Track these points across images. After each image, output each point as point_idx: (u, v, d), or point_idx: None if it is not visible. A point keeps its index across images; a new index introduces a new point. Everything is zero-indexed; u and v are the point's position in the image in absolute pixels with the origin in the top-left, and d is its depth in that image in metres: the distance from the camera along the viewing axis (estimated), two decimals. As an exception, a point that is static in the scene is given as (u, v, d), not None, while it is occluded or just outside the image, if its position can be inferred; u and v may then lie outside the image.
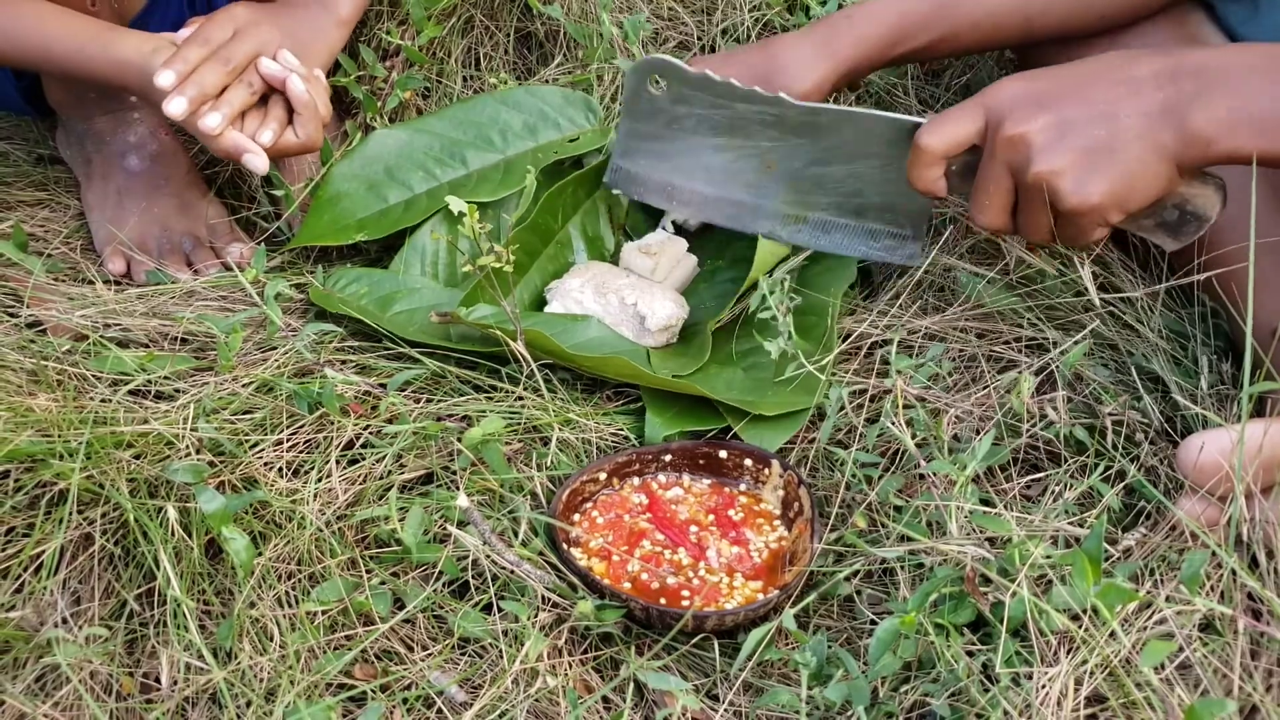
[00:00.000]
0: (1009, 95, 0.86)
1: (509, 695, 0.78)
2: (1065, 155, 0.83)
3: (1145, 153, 0.81)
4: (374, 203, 1.15)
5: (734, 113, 1.03)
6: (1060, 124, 0.83)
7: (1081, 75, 0.85)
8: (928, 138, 0.89)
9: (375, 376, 0.99)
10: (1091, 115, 0.82)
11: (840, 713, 0.77)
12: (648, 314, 1.03)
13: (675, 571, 0.87)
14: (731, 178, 1.06)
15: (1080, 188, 0.83)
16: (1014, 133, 0.84)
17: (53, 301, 1.06)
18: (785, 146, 1.03)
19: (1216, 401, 0.91)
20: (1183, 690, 0.71)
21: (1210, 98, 0.80)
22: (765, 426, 0.96)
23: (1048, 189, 0.84)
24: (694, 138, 1.06)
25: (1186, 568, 0.72)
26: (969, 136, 0.88)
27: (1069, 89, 0.84)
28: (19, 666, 0.79)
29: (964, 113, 0.88)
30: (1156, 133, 0.81)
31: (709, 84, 1.02)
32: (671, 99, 1.04)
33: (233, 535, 0.80)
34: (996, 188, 0.87)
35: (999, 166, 0.86)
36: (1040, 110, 0.84)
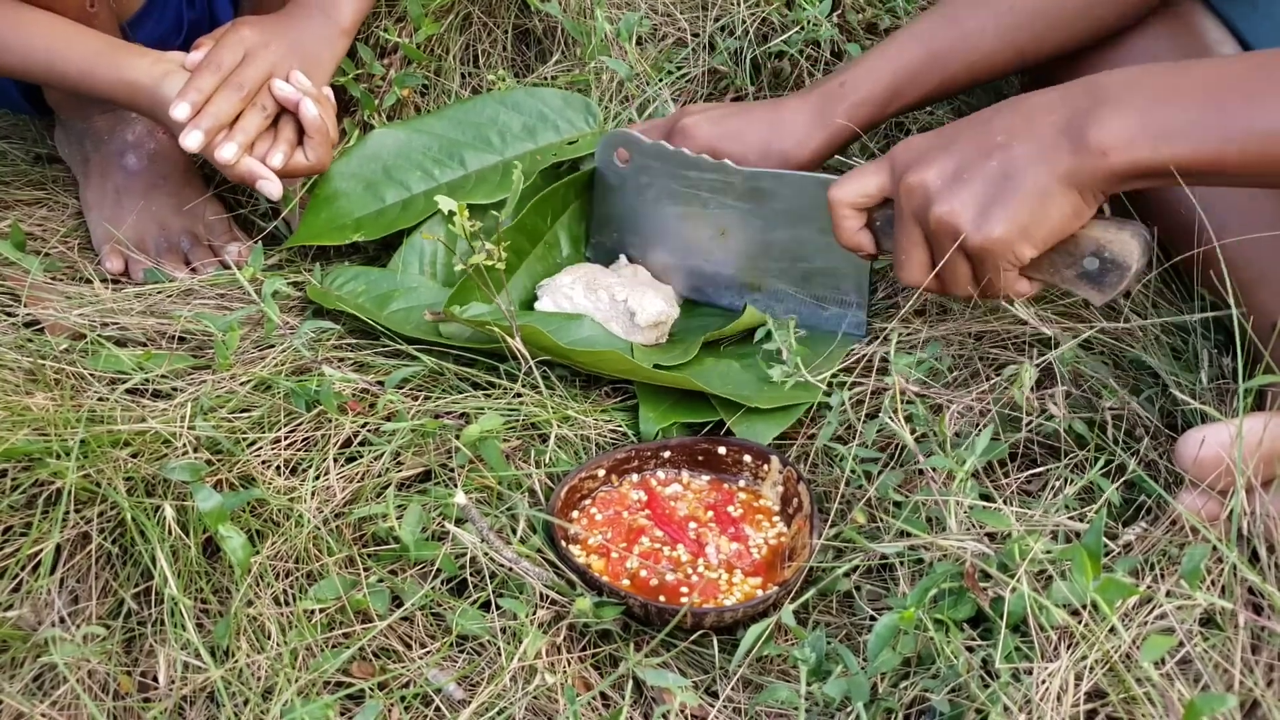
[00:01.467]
0: (912, 147, 0.87)
1: (507, 693, 0.78)
2: (962, 193, 0.82)
3: (1043, 177, 0.79)
4: (371, 202, 1.14)
5: (687, 181, 1.06)
6: (956, 164, 0.83)
7: (980, 118, 0.85)
8: (835, 190, 0.91)
9: (373, 374, 0.99)
10: (986, 149, 0.82)
11: (839, 709, 0.77)
12: (637, 310, 1.03)
13: (674, 568, 0.87)
14: (692, 247, 1.09)
15: (982, 223, 0.81)
16: (913, 180, 0.84)
17: (50, 300, 1.06)
18: (735, 213, 1.06)
19: (1216, 396, 0.91)
20: (1183, 685, 0.71)
21: (1103, 111, 0.78)
22: (758, 419, 0.96)
23: (951, 229, 0.82)
24: (657, 208, 1.09)
25: (1187, 562, 0.72)
26: (876, 189, 0.89)
27: (965, 131, 0.84)
28: (17, 666, 0.79)
29: (872, 167, 0.90)
30: (1052, 154, 0.79)
31: (663, 153, 1.06)
32: (635, 170, 1.08)
33: (230, 533, 0.80)
34: (909, 240, 0.86)
35: (906, 217, 0.86)
36: (937, 154, 0.84)
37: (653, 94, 1.25)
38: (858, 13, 1.33)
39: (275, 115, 1.09)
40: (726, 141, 1.05)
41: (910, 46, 1.03)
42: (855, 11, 1.33)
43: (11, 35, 1.06)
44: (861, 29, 1.33)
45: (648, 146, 1.06)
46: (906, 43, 1.03)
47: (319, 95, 1.10)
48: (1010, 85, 1.25)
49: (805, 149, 1.04)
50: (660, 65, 1.30)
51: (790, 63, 1.30)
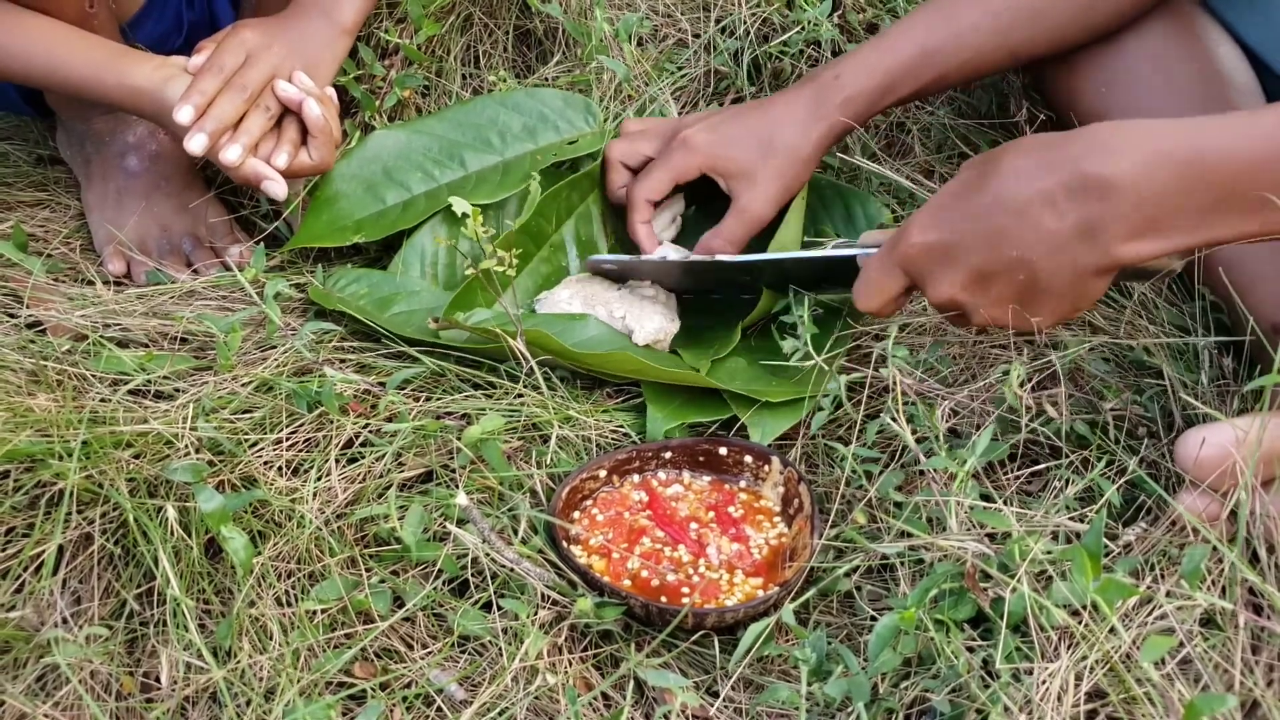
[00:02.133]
0: (919, 253, 0.82)
1: (509, 693, 0.78)
2: (997, 306, 0.81)
3: (1071, 277, 0.77)
4: (372, 204, 1.15)
5: (678, 276, 1.08)
6: (980, 280, 0.80)
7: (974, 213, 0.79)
8: (867, 305, 0.87)
9: (374, 375, 0.99)
10: (1006, 264, 0.78)
11: (840, 709, 0.77)
12: (636, 327, 1.02)
13: (675, 569, 0.87)
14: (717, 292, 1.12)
15: (1026, 324, 0.81)
16: (942, 299, 0.82)
17: (52, 302, 1.06)
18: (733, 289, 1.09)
19: (1217, 396, 0.91)
20: (1183, 685, 0.71)
21: (1123, 226, 0.74)
22: (770, 413, 0.96)
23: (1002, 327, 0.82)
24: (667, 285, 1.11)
25: (1187, 562, 0.72)
26: (901, 294, 0.86)
27: (971, 238, 0.80)
28: (19, 666, 0.79)
29: (887, 275, 0.85)
30: (1077, 259, 0.76)
31: (654, 267, 1.07)
32: (621, 272, 1.09)
33: (232, 534, 0.80)
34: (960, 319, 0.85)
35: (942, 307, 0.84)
36: (954, 269, 0.81)
37: (653, 94, 1.25)
38: (858, 13, 1.33)
39: (279, 116, 1.09)
40: (728, 147, 1.05)
41: (904, 42, 1.03)
42: (856, 12, 1.33)
43: (11, 41, 1.06)
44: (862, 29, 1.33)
45: (637, 265, 1.08)
46: (900, 38, 1.03)
47: (322, 95, 1.10)
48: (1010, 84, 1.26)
49: (808, 141, 1.04)
50: (661, 66, 1.30)
51: (791, 63, 1.30)
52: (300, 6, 1.16)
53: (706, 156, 1.05)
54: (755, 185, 1.05)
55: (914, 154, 1.25)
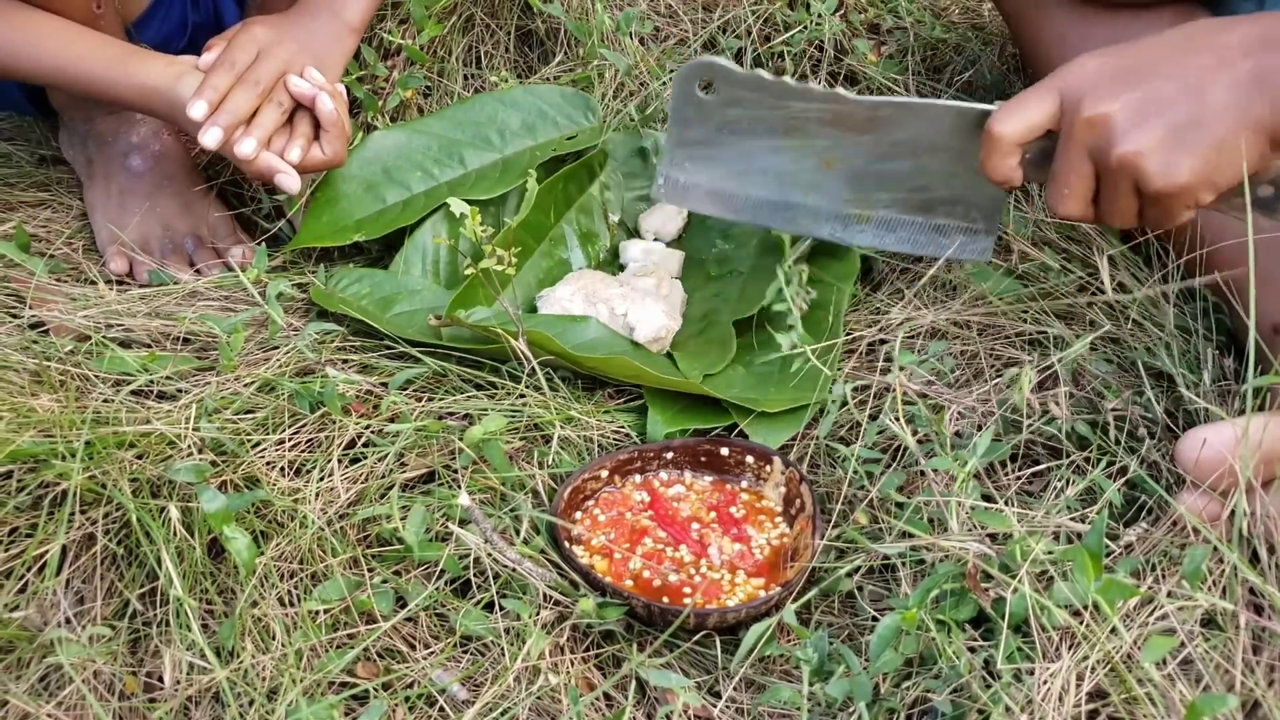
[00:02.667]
0: (1087, 74, 0.80)
1: (511, 693, 0.78)
2: (1150, 134, 0.77)
3: (1235, 126, 0.76)
4: (372, 203, 1.15)
5: (789, 112, 0.97)
6: (1143, 100, 0.78)
7: (1164, 47, 0.80)
8: (1001, 125, 0.83)
9: (377, 375, 1.00)
10: (1177, 89, 0.77)
11: (842, 709, 0.77)
12: (637, 324, 1.02)
13: (677, 569, 0.87)
14: (789, 180, 1.01)
15: (1168, 168, 0.77)
16: (1094, 113, 0.79)
17: (55, 302, 1.06)
18: (845, 144, 0.97)
19: (1218, 397, 0.91)
20: (1184, 686, 0.71)
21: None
22: (769, 423, 0.96)
23: (1133, 171, 0.78)
24: (748, 140, 1.00)
25: (1188, 563, 0.72)
26: (1045, 121, 0.82)
27: (1151, 62, 0.79)
28: (23, 666, 0.79)
29: (1038, 96, 0.82)
30: (1247, 104, 0.76)
31: (761, 84, 0.96)
32: (723, 102, 0.98)
33: (234, 535, 0.80)
34: (1077, 174, 0.81)
35: (1078, 150, 0.81)
36: (1121, 87, 0.78)
37: (654, 91, 1.26)
38: (860, 12, 1.33)
39: (290, 111, 1.09)
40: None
41: None
42: (858, 11, 1.33)
43: (20, 39, 1.06)
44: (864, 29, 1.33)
45: (741, 77, 0.96)
46: None
47: (333, 90, 1.10)
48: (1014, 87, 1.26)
49: None
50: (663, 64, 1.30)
51: (793, 62, 1.30)
52: (308, 4, 1.16)
53: None
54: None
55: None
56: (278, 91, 1.08)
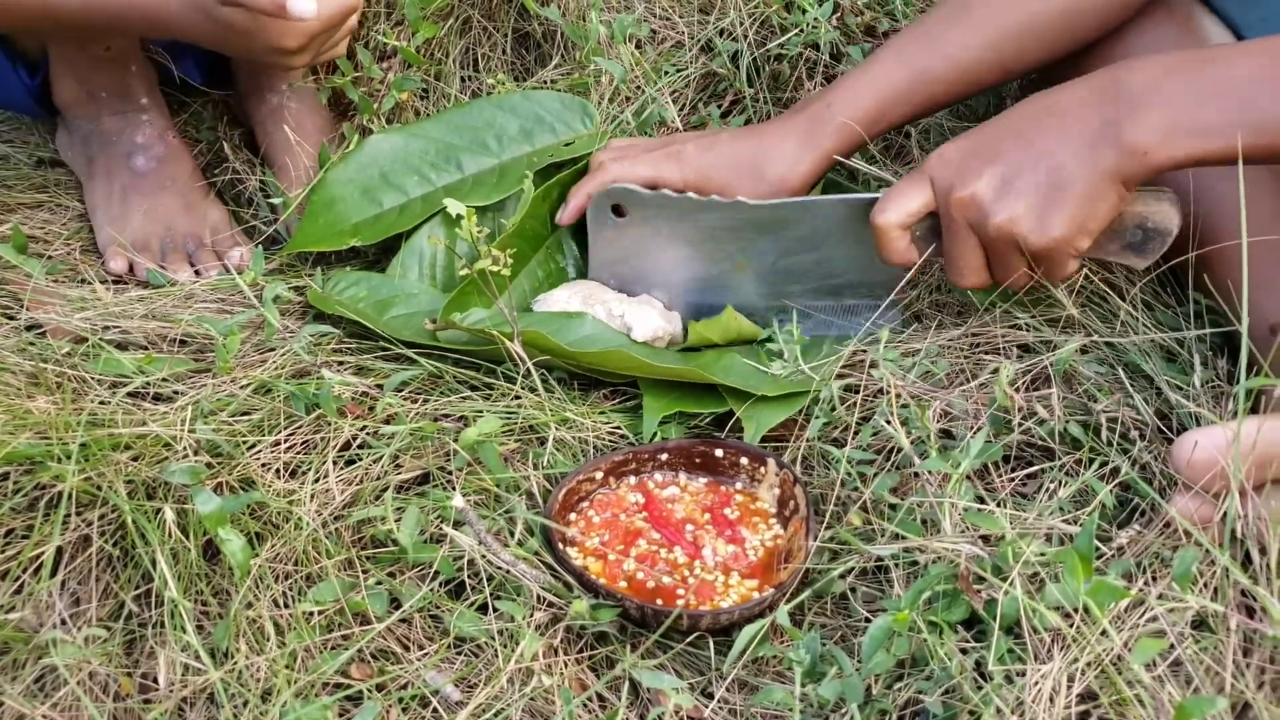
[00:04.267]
0: (949, 159, 0.90)
1: (504, 694, 0.79)
2: (1017, 202, 0.86)
3: (1091, 177, 0.84)
4: (369, 207, 1.15)
5: (697, 223, 1.05)
6: (1004, 173, 0.86)
7: (1009, 123, 0.88)
8: (882, 217, 0.92)
9: (372, 378, 1.00)
10: (1031, 157, 0.86)
11: (834, 710, 0.78)
12: (635, 325, 1.03)
13: (671, 570, 0.88)
14: (707, 285, 1.09)
15: (1041, 227, 0.86)
16: (964, 194, 0.87)
17: (52, 304, 1.06)
18: (754, 246, 1.05)
19: (1211, 399, 0.91)
20: (1174, 687, 0.71)
21: (1136, 114, 0.82)
22: (765, 407, 0.96)
23: (1011, 236, 0.87)
24: (665, 254, 1.08)
25: (1178, 565, 0.72)
26: (921, 206, 0.91)
27: (1001, 139, 0.88)
28: (18, 668, 0.79)
29: (912, 185, 0.92)
30: (1095, 157, 0.84)
31: (669, 202, 1.04)
32: (636, 223, 1.06)
33: (229, 536, 0.81)
34: (964, 248, 0.90)
35: (960, 228, 0.89)
36: (981, 165, 0.87)
37: (650, 95, 1.26)
38: (856, 15, 1.33)
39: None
40: (716, 170, 1.05)
41: (893, 67, 1.04)
42: (854, 15, 1.33)
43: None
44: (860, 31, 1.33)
45: (650, 198, 1.04)
46: (889, 63, 1.04)
47: None
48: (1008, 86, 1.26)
49: (796, 173, 1.04)
50: (659, 68, 1.30)
51: (789, 65, 1.30)
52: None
53: (696, 171, 1.05)
54: None
55: (912, 157, 1.25)
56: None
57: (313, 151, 1.24)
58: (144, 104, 1.22)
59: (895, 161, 1.25)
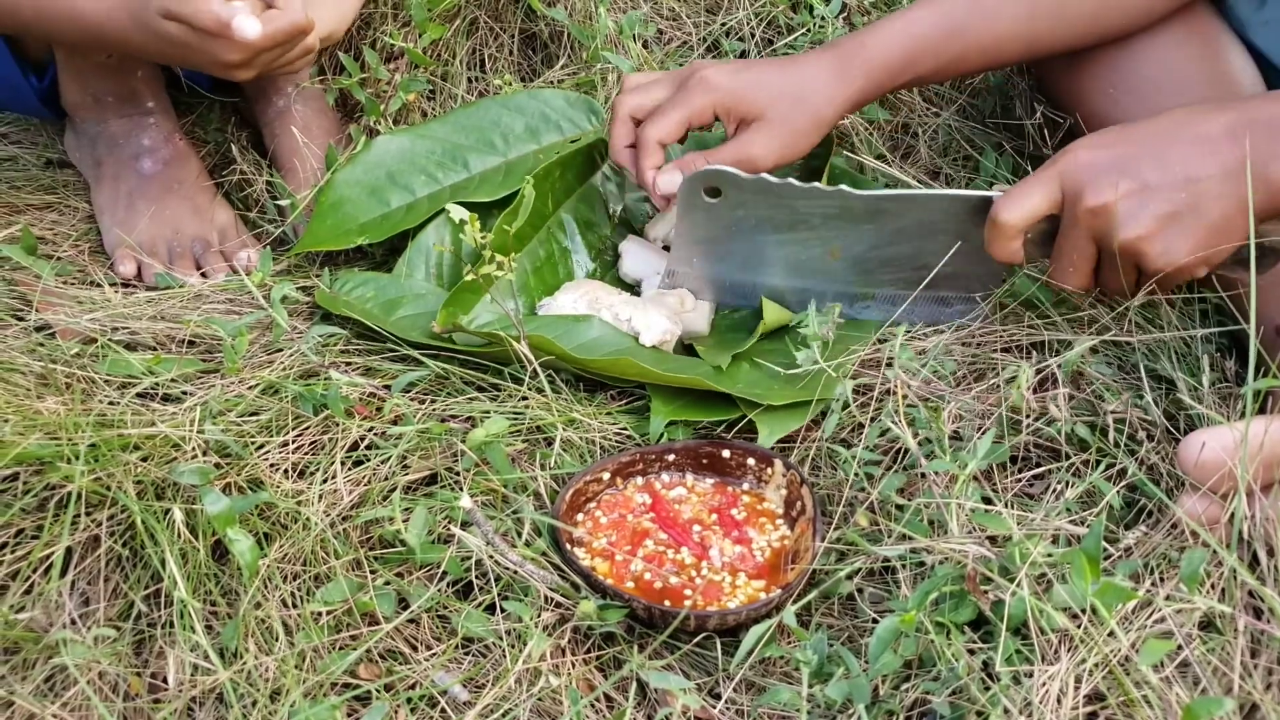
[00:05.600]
0: (1085, 164, 0.87)
1: (512, 694, 0.79)
2: (1150, 222, 0.84)
3: (1228, 210, 0.84)
4: (376, 207, 1.15)
5: (794, 210, 1.02)
6: (1141, 191, 0.85)
7: (1155, 136, 0.86)
8: (1006, 214, 0.89)
9: (380, 378, 1.00)
10: (1172, 179, 0.84)
11: (841, 711, 0.78)
12: (643, 329, 1.02)
13: (678, 571, 0.88)
14: (796, 269, 1.06)
15: (1168, 252, 0.85)
16: (1096, 204, 0.85)
17: (61, 305, 1.07)
18: (849, 234, 1.03)
19: (1218, 399, 0.91)
20: (1181, 689, 0.71)
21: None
22: (775, 416, 0.96)
23: (1136, 256, 0.86)
24: (755, 237, 1.05)
25: (1186, 566, 0.72)
26: (1047, 208, 0.89)
27: (1145, 153, 0.85)
28: (28, 667, 0.79)
29: (1039, 185, 0.89)
30: (1238, 190, 0.83)
31: (767, 186, 1.01)
32: (729, 205, 1.03)
33: (238, 536, 0.81)
34: (1080, 255, 0.89)
35: (1082, 235, 0.88)
36: (1119, 178, 0.85)
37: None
38: (863, 15, 1.33)
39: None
40: (753, 90, 1.02)
41: (930, 16, 1.03)
42: (861, 14, 1.33)
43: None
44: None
45: (749, 182, 1.00)
46: (926, 12, 1.03)
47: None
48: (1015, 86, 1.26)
49: (833, 104, 1.02)
50: (666, 67, 1.30)
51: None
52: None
53: (727, 94, 1.02)
54: (769, 133, 1.02)
55: (920, 156, 1.25)
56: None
57: (320, 153, 1.25)
58: (150, 107, 1.23)
59: (904, 161, 1.25)
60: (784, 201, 1.01)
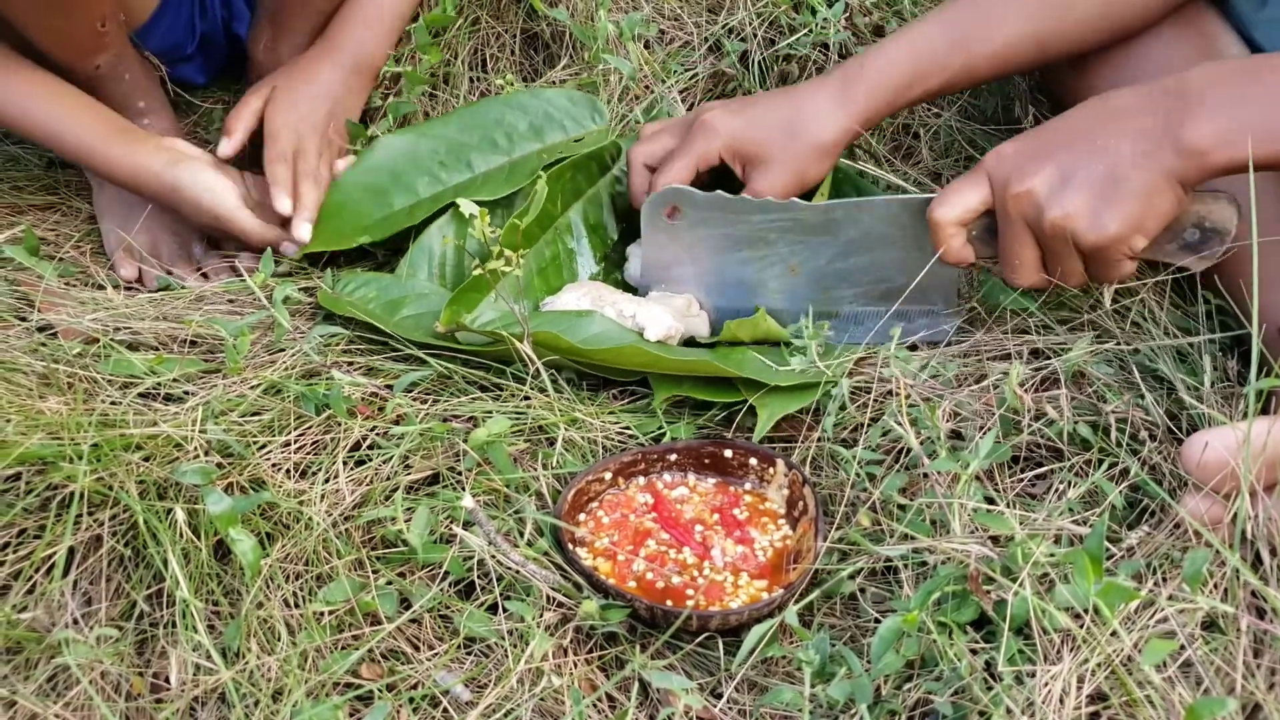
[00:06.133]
0: (1006, 157, 0.90)
1: (514, 694, 0.79)
2: (1074, 197, 0.86)
3: (1149, 175, 0.84)
4: (379, 208, 1.15)
5: (752, 225, 1.04)
6: (1061, 170, 0.87)
7: (1069, 123, 0.89)
8: (940, 211, 0.92)
9: (382, 378, 1.00)
10: (1088, 154, 0.86)
11: (843, 711, 0.78)
12: (647, 325, 1.02)
13: (680, 571, 0.88)
14: (758, 287, 1.07)
15: (1096, 223, 0.85)
16: (1020, 189, 0.88)
17: (63, 305, 1.07)
18: (806, 248, 1.04)
19: (1221, 399, 0.91)
20: (1184, 688, 0.71)
21: (1195, 114, 0.83)
22: (778, 397, 0.96)
23: (1066, 232, 0.87)
24: (716, 255, 1.06)
25: (1188, 566, 0.72)
26: (979, 203, 0.91)
27: (1060, 137, 0.88)
28: (31, 667, 0.80)
29: (969, 181, 0.92)
30: (1154, 155, 0.84)
31: (724, 203, 1.03)
32: (689, 224, 1.05)
33: (240, 536, 0.81)
34: (1020, 245, 0.90)
35: (1016, 224, 0.89)
36: (1039, 162, 0.87)
37: (660, 94, 1.26)
38: (865, 15, 1.33)
39: None
40: (751, 129, 1.04)
41: (933, 31, 1.03)
42: (863, 14, 1.33)
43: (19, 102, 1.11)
44: (869, 31, 1.33)
45: (703, 199, 1.03)
46: (929, 27, 1.03)
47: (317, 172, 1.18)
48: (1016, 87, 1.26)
49: (829, 132, 1.03)
50: (668, 67, 1.30)
51: (798, 65, 1.30)
52: (332, 50, 1.21)
53: (728, 138, 1.04)
54: (772, 170, 1.04)
55: (921, 158, 1.25)
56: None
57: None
58: (142, 108, 1.23)
59: (905, 162, 1.25)
60: (740, 217, 1.04)
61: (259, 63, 1.30)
